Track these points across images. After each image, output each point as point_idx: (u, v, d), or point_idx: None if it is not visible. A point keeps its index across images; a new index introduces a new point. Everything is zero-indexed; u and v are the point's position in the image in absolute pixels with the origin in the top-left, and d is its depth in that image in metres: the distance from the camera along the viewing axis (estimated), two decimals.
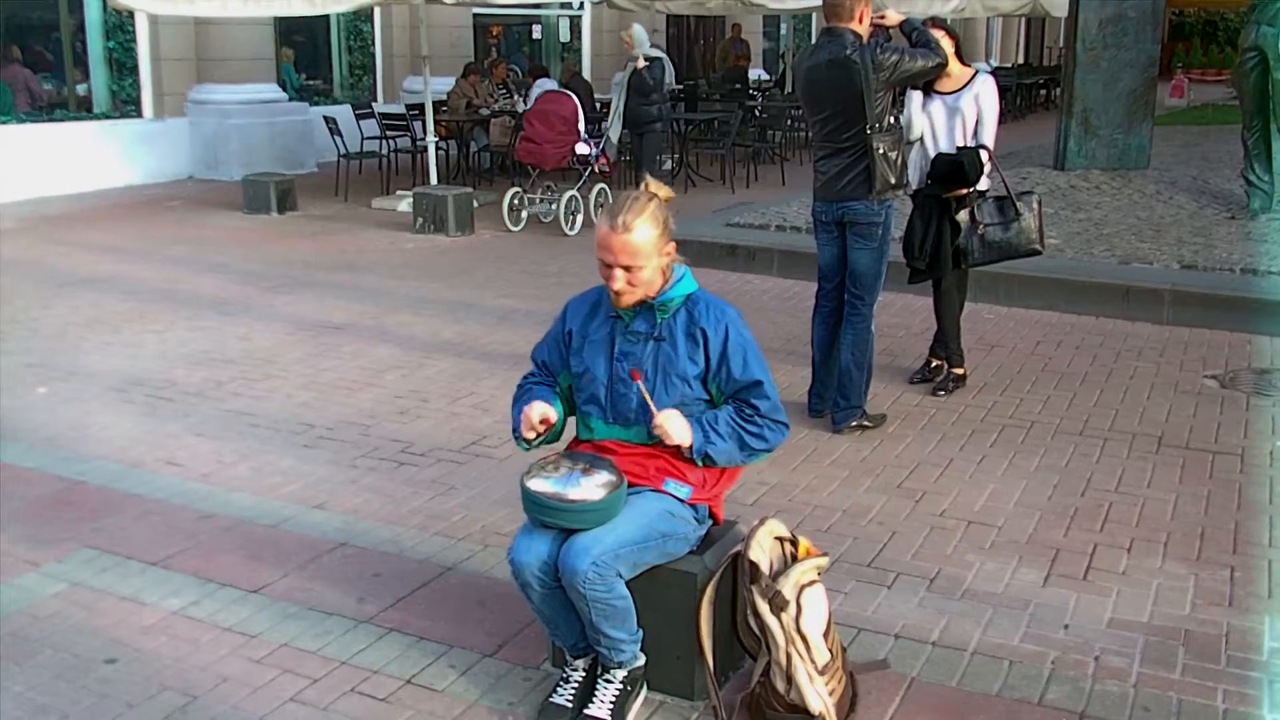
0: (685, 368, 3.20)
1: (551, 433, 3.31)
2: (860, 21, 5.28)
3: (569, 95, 11.35)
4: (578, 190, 11.22)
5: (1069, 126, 12.50)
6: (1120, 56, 12.20)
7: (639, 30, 11.78)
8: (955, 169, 5.72)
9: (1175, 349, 6.95)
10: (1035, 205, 6.00)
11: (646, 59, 11.55)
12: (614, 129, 11.54)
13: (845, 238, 5.50)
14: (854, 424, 5.51)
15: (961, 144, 5.82)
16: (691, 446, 3.17)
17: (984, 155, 5.75)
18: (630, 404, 3.21)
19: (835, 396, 5.58)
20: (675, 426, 3.15)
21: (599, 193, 11.49)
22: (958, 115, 5.82)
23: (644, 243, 3.09)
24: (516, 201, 11.38)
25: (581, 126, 11.18)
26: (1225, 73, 30.20)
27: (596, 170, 11.39)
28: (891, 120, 5.37)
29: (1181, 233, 9.44)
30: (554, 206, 11.28)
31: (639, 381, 3.19)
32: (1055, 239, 9.16)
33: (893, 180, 5.33)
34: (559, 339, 3.38)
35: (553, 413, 3.25)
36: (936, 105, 5.86)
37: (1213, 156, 14.07)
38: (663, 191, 3.23)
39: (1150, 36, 12.27)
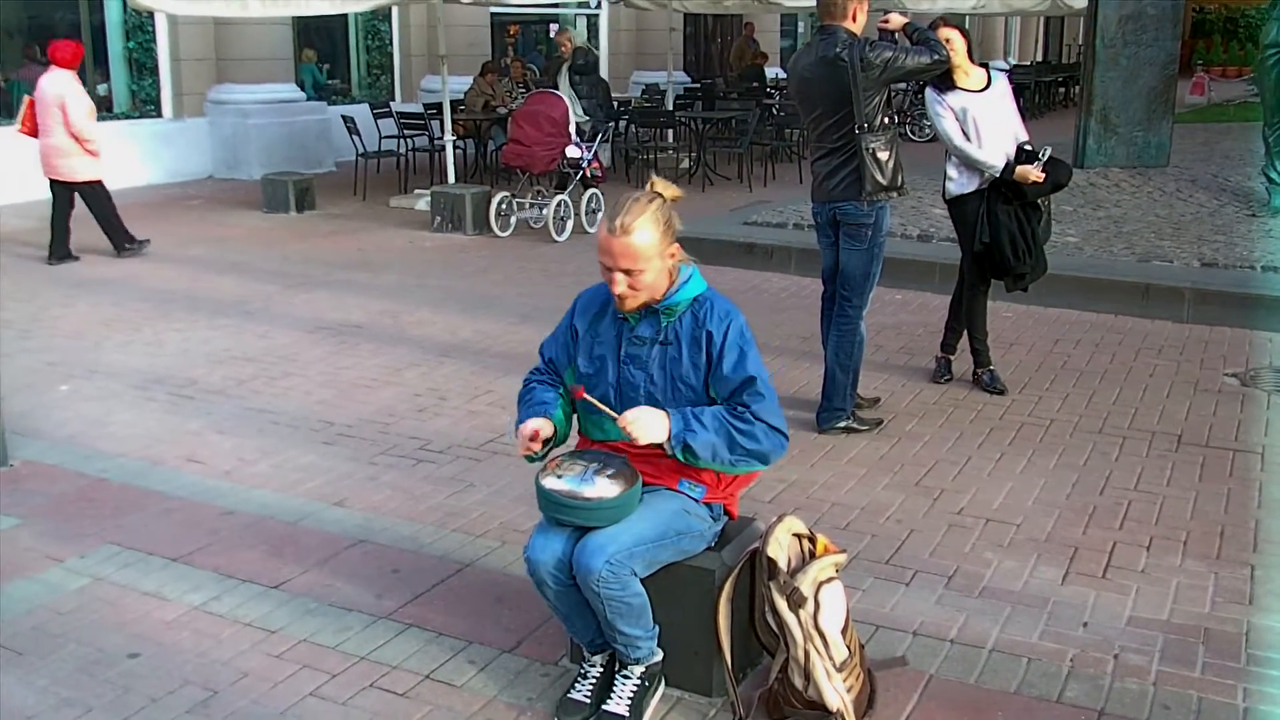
0: (689, 372, 3.15)
1: (554, 441, 3.25)
2: (853, 20, 5.20)
3: (559, 96, 10.90)
4: (568, 195, 10.84)
5: (1088, 124, 12.47)
6: (1140, 54, 12.17)
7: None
8: (1057, 177, 5.74)
9: (1195, 347, 6.92)
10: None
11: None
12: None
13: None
14: (840, 426, 5.47)
15: (1020, 137, 5.81)
16: (669, 440, 3.04)
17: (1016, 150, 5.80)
18: (639, 405, 3.17)
19: (821, 398, 5.56)
20: (644, 423, 3.02)
21: (590, 198, 11.07)
22: (1002, 108, 5.81)
23: (644, 245, 3.01)
24: (504, 206, 10.95)
25: (572, 129, 10.72)
26: (1246, 70, 30.05)
27: (588, 174, 10.96)
28: (885, 120, 5.28)
29: (1202, 230, 9.40)
30: (544, 212, 10.77)
31: (583, 397, 3.13)
32: (1074, 237, 9.14)
33: (884, 182, 5.24)
34: (567, 334, 3.33)
35: (547, 429, 3.17)
36: (976, 103, 5.76)
37: (1233, 154, 14.00)
38: (669, 191, 3.13)
39: (1170, 34, 12.24)
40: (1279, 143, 10.11)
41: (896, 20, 5.45)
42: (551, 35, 21.65)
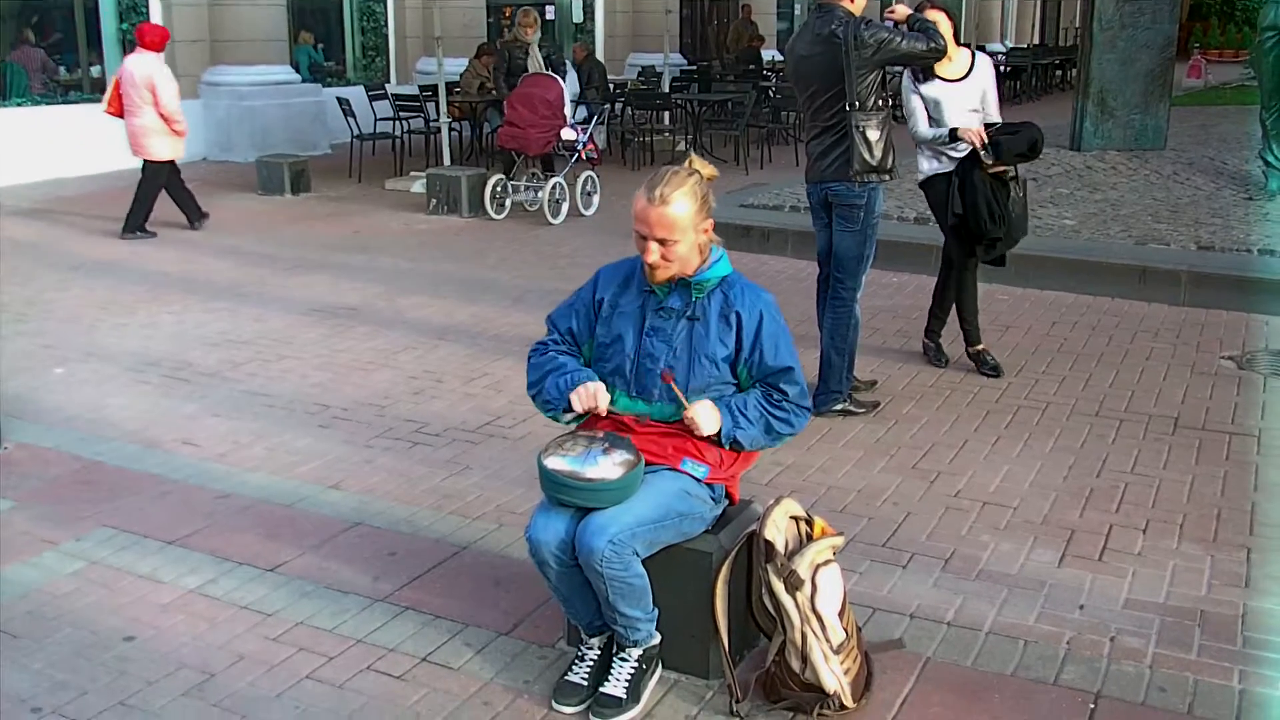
0: (715, 349, 3.20)
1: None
2: (851, 0, 5.23)
3: (554, 78, 10.88)
4: (563, 178, 10.80)
5: (1085, 107, 12.44)
6: (1137, 37, 12.14)
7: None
8: (1030, 144, 5.69)
9: (1192, 330, 6.92)
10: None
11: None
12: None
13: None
14: (837, 409, 5.48)
15: (991, 117, 5.82)
16: (720, 433, 3.18)
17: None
18: (655, 379, 3.21)
19: (817, 381, 5.55)
20: (704, 418, 3.16)
21: (586, 180, 11.05)
22: (977, 98, 5.81)
23: (680, 216, 3.09)
24: (500, 189, 10.91)
25: (568, 111, 10.69)
26: (1244, 53, 29.99)
27: (583, 157, 10.94)
28: (879, 102, 5.26)
29: (1198, 213, 9.39)
30: (539, 194, 10.72)
31: (670, 383, 3.16)
32: (1071, 220, 9.13)
33: (873, 162, 5.23)
34: (589, 306, 3.34)
35: (605, 395, 3.21)
36: (949, 94, 5.77)
37: (1230, 137, 13.98)
38: (706, 169, 3.22)
39: (1168, 16, 12.21)
40: (1276, 126, 10.08)
41: (902, 11, 5.47)
42: (549, 17, 21.57)
